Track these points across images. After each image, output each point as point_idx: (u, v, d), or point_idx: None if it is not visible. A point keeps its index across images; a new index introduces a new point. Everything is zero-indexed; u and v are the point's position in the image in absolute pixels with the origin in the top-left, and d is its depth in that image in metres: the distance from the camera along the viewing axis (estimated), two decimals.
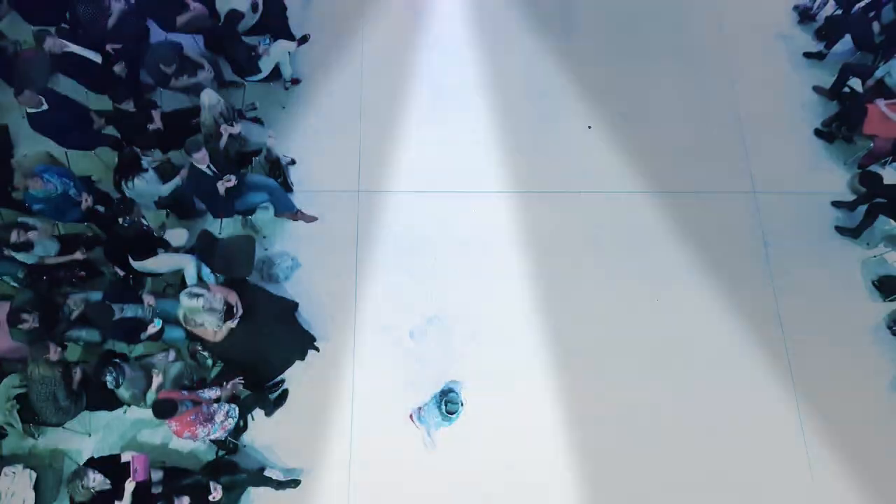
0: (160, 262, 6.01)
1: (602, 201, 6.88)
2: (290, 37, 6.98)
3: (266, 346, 5.83)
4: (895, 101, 6.54)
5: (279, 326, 5.92)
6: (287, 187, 6.62)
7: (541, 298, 6.47)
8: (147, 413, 5.69)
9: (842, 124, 7.02)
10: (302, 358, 6.07)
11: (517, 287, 6.51)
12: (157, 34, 7.06)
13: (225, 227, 6.61)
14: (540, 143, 7.13)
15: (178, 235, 6.21)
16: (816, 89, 7.44)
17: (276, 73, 6.95)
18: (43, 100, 6.00)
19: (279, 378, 6.09)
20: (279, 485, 5.72)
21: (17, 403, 5.58)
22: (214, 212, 6.25)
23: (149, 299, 5.77)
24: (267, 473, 5.72)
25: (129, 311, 5.62)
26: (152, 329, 5.73)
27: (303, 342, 6.07)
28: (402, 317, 6.37)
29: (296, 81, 7.27)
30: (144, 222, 6.06)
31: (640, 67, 7.59)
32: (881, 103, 6.56)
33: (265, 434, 5.97)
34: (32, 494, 5.60)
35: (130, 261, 5.93)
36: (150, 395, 5.57)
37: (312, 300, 6.38)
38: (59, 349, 5.51)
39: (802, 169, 7.10)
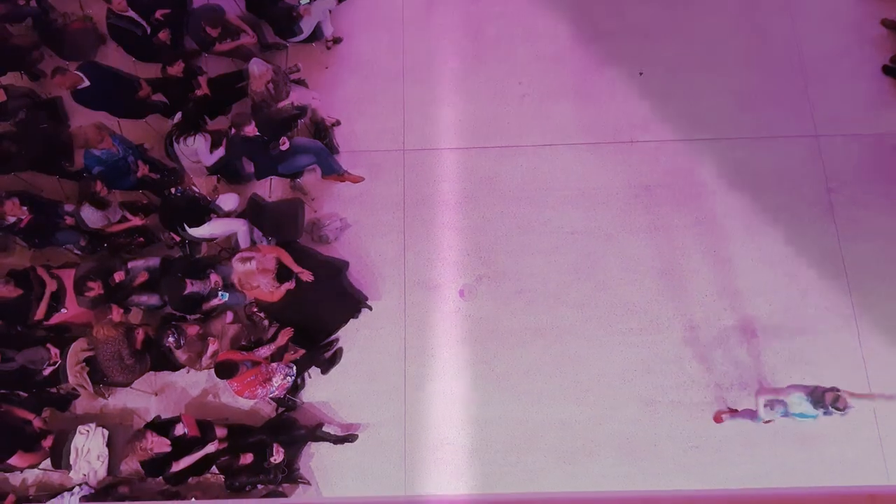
0: (214, 228, 6.01)
1: (654, 150, 6.44)
2: None
3: (319, 306, 5.75)
4: None
5: (331, 287, 5.81)
6: (332, 149, 6.42)
7: (592, 253, 6.15)
8: (208, 373, 5.77)
9: None
10: (354, 317, 5.99)
11: (568, 242, 6.20)
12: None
13: (273, 191, 6.49)
14: (589, 92, 6.68)
15: (229, 200, 6.16)
16: (885, 22, 6.72)
17: (317, 33, 6.67)
18: (83, 77, 5.92)
19: (333, 337, 6.01)
20: (337, 440, 5.73)
21: (87, 366, 5.69)
22: (259, 175, 6.13)
23: (216, 278, 5.77)
24: (325, 429, 5.74)
25: (197, 286, 5.65)
26: (217, 301, 5.76)
27: (354, 302, 5.97)
28: (452, 275, 6.17)
29: (337, 41, 6.97)
30: (195, 190, 6.01)
31: (692, 6, 6.93)
32: None
33: (322, 391, 5.94)
34: (107, 451, 5.73)
35: (185, 227, 5.89)
36: (206, 359, 5.59)
37: (362, 260, 6.24)
38: (122, 311, 5.56)
39: (869, 109, 6.44)
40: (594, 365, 5.85)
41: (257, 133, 5.72)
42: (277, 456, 5.28)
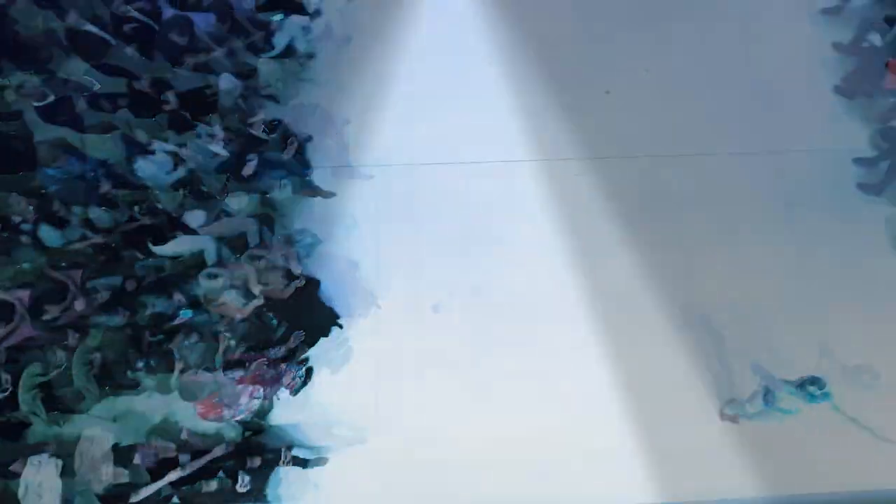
0: (180, 245, 5.62)
1: (623, 166, 6.35)
2: (303, 11, 6.46)
3: (289, 324, 5.39)
4: None
5: (301, 305, 5.50)
6: (305, 164, 6.14)
7: (564, 267, 6.00)
8: (170, 397, 5.32)
9: (862, 80, 6.46)
10: (325, 335, 5.66)
11: (540, 256, 6.03)
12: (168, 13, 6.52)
13: (243, 207, 6.10)
14: (557, 109, 6.55)
15: (195, 216, 5.77)
16: (836, 45, 6.85)
17: (290, 49, 6.42)
18: (47, 92, 5.53)
19: (303, 356, 5.62)
20: (307, 463, 5.37)
21: (41, 392, 5.17)
22: (230, 191, 5.77)
23: (178, 297, 5.39)
24: (294, 452, 5.36)
25: (160, 305, 5.27)
26: (179, 321, 5.36)
27: (326, 319, 5.66)
28: (425, 290, 5.92)
29: (311, 55, 6.70)
30: (160, 206, 5.61)
31: (656, 28, 6.93)
32: None
33: (291, 413, 5.56)
34: (59, 483, 5.16)
35: (150, 245, 5.47)
36: (174, 381, 5.16)
37: (334, 276, 5.93)
38: (78, 335, 5.10)
39: (823, 126, 6.54)
40: (568, 377, 5.66)
41: (225, 146, 5.39)
42: (243, 482, 4.86)
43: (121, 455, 5.04)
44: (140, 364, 5.07)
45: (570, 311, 5.84)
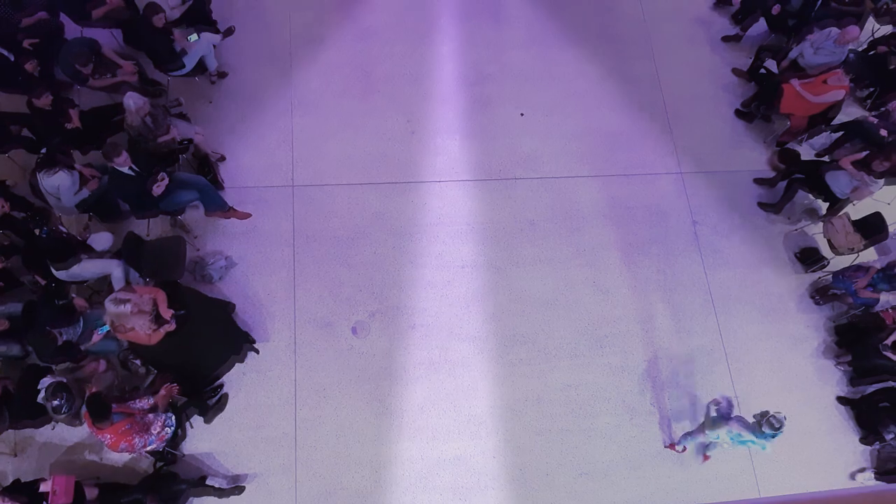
0: (84, 269, 5.27)
1: (537, 187, 6.43)
2: (215, 29, 6.22)
3: (202, 349, 5.18)
4: (809, 81, 6.30)
5: (215, 329, 5.28)
6: (217, 184, 5.91)
7: (482, 286, 5.98)
8: (75, 428, 5.02)
9: (760, 104, 6.75)
10: (241, 360, 5.48)
11: (459, 276, 6.00)
12: (72, 29, 6.15)
13: (153, 229, 5.84)
14: (475, 132, 6.60)
15: (102, 239, 5.48)
16: (735, 71, 7.16)
17: (200, 67, 6.17)
18: None
19: (217, 382, 5.43)
20: (222, 493, 5.13)
21: None
22: (139, 213, 5.48)
23: (80, 302, 5.05)
24: (209, 482, 5.12)
25: (67, 334, 4.94)
26: (96, 337, 5.01)
27: (241, 344, 5.45)
28: (344, 312, 5.77)
29: (222, 75, 6.50)
30: (63, 229, 5.27)
31: (569, 55, 7.13)
32: (796, 83, 6.32)
33: (206, 441, 5.31)
34: None
35: (52, 269, 5.13)
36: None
37: (249, 300, 5.71)
38: None
39: (725, 148, 6.83)
40: (487, 397, 5.62)
41: (130, 164, 5.10)
42: None
43: (22, 489, 4.70)
44: (57, 402, 4.64)
45: (488, 329, 5.81)
